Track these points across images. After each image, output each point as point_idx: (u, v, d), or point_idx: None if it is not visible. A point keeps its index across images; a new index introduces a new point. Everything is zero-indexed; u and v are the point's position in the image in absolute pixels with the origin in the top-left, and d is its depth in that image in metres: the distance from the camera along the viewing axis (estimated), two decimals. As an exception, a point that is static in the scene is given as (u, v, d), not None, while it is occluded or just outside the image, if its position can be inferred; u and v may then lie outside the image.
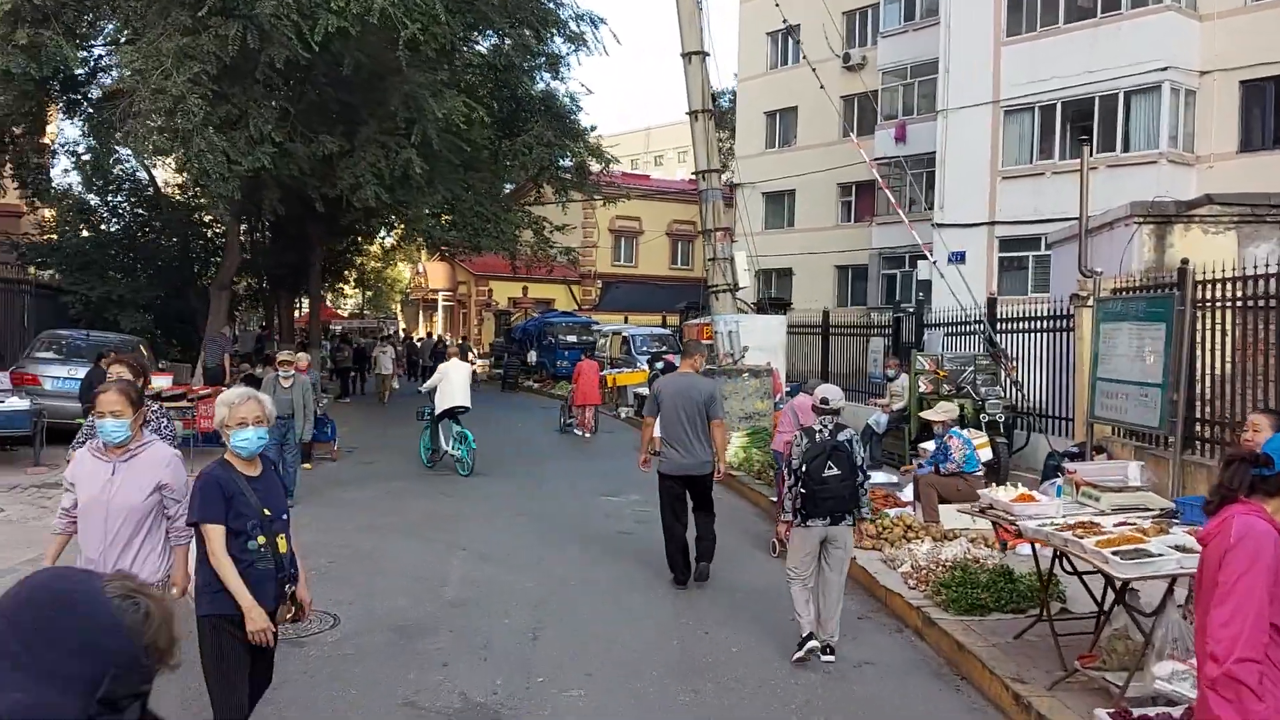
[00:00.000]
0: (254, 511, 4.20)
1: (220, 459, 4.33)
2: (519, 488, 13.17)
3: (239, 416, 4.28)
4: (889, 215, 34.02)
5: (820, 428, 6.55)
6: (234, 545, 4.15)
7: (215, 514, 4.16)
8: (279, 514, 4.35)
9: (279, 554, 4.26)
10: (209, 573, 4.15)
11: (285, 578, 4.31)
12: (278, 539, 4.27)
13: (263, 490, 4.32)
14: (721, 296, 15.86)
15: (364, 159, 17.24)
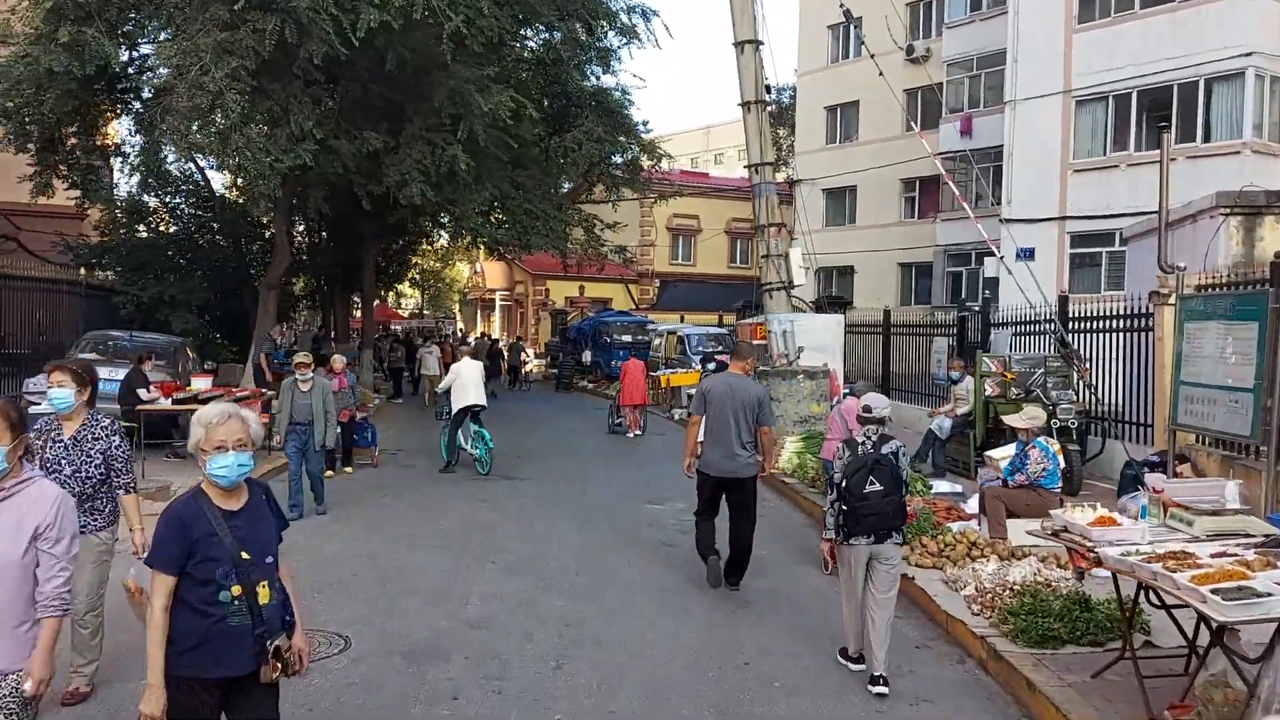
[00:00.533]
0: (228, 555, 3.54)
1: (194, 489, 3.67)
2: (561, 493, 12.67)
3: (217, 439, 3.59)
4: (954, 211, 33.00)
5: (863, 439, 6.14)
6: (198, 596, 3.52)
7: (166, 560, 3.51)
8: (262, 556, 3.66)
9: (257, 606, 3.58)
10: (179, 623, 3.53)
11: (265, 633, 3.59)
12: (258, 588, 3.59)
13: (244, 528, 3.64)
14: (775, 295, 15.20)
15: (410, 156, 16.88)
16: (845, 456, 6.09)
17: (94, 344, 14.91)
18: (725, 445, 7.82)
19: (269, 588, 3.65)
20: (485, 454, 13.99)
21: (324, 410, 10.91)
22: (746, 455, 7.90)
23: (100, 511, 5.45)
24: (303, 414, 10.72)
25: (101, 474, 5.36)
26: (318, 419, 10.81)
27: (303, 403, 10.76)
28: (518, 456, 16.06)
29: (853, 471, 5.94)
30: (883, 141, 35.58)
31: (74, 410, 5.29)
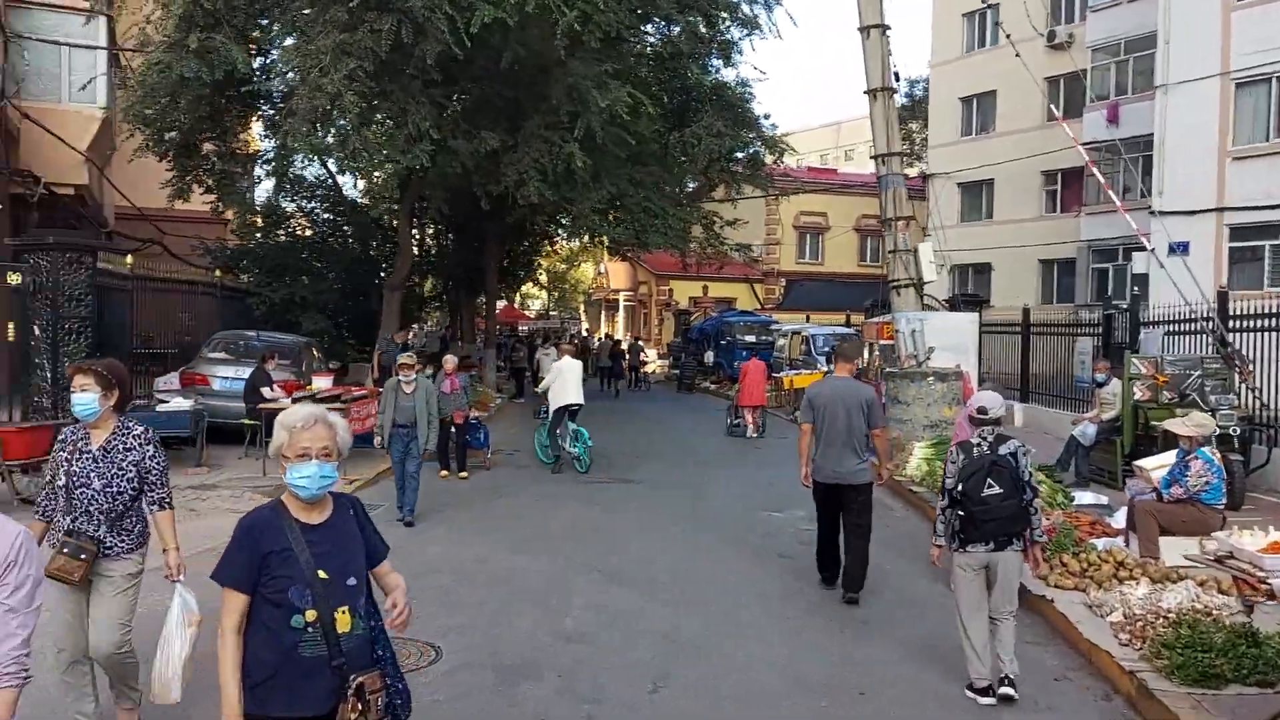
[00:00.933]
0: (304, 574, 3.13)
1: (275, 499, 3.32)
2: (675, 498, 12.26)
3: (300, 445, 3.20)
4: (1099, 204, 31.25)
5: (979, 440, 5.83)
6: (272, 619, 3.13)
7: (233, 575, 3.16)
8: (344, 578, 3.22)
9: (334, 634, 3.13)
10: (251, 651, 3.15)
11: (344, 666, 3.14)
12: (337, 613, 3.15)
13: (326, 545, 3.22)
14: (904, 292, 14.44)
15: (527, 154, 16.79)
16: (959, 459, 5.79)
17: (224, 343, 15.28)
18: (835, 451, 7.65)
19: (351, 614, 3.20)
20: (584, 452, 14.19)
21: (427, 412, 10.64)
22: (858, 461, 7.68)
23: (129, 531, 4.78)
24: (406, 416, 10.49)
25: (134, 489, 4.74)
26: (420, 421, 10.53)
27: (406, 404, 10.53)
28: (635, 457, 15.76)
29: (969, 474, 5.63)
30: (1021, 132, 33.99)
31: (101, 417, 4.70)
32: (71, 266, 11.92)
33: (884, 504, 12.03)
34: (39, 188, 17.52)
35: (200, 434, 12.43)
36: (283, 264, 22.31)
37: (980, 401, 6.02)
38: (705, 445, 17.91)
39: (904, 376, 14.10)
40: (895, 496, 12.64)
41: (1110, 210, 30.86)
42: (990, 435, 5.84)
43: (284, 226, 25.26)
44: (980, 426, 5.90)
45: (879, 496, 12.61)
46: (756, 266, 45.92)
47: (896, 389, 14.16)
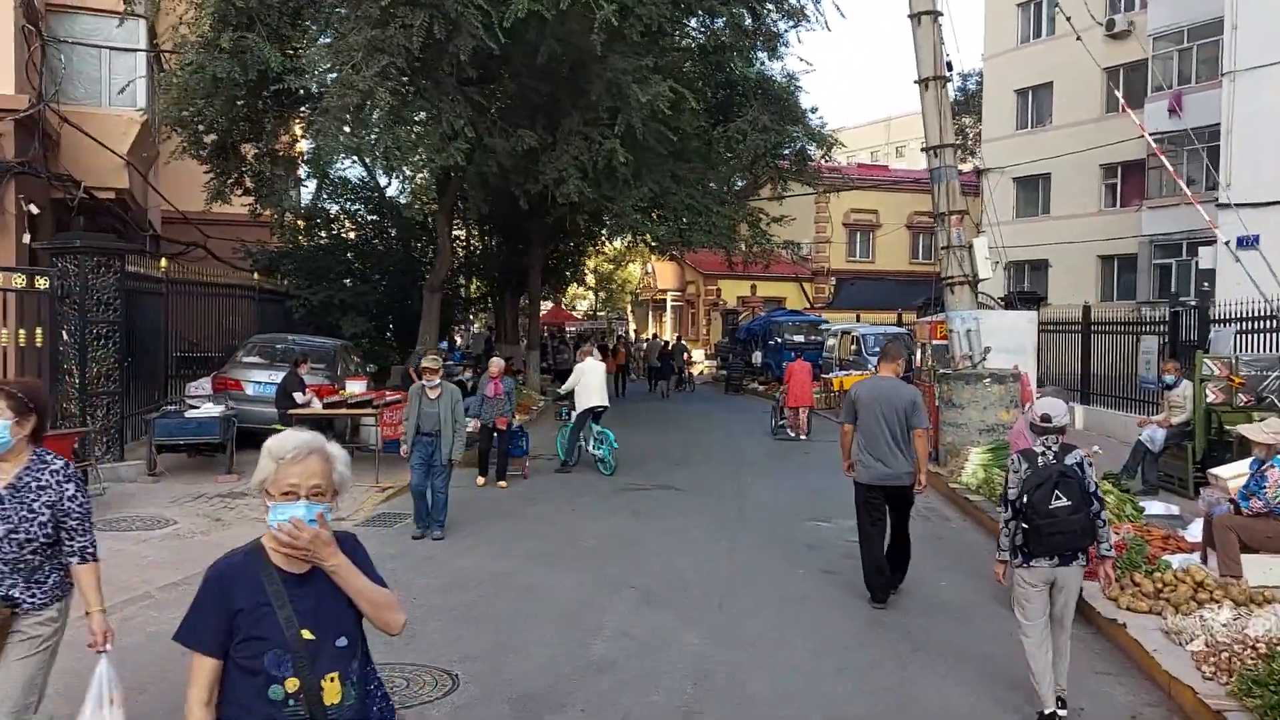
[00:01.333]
0: (283, 636, 2.61)
1: (253, 543, 2.78)
2: (716, 506, 11.75)
3: (287, 481, 2.67)
4: (1162, 198, 30.19)
5: (1043, 450, 5.52)
6: (244, 690, 2.62)
7: (197, 637, 2.65)
8: (334, 637, 2.69)
9: (321, 707, 2.61)
10: None
11: None
12: (324, 681, 2.63)
13: (312, 599, 2.69)
14: (958, 290, 13.77)
15: (566, 152, 16.34)
16: (1023, 469, 5.47)
17: (258, 347, 15.04)
18: (877, 451, 7.55)
19: (341, 682, 2.66)
20: (609, 454, 14.09)
21: (452, 420, 9.96)
22: (901, 461, 7.57)
23: (42, 584, 3.99)
24: (430, 423, 9.88)
25: (49, 535, 3.95)
26: (445, 429, 9.87)
27: (430, 411, 9.92)
28: (676, 462, 15.28)
29: (1034, 486, 5.33)
30: (1079, 125, 33.02)
31: (12, 449, 3.93)
32: (99, 270, 11.71)
33: (940, 513, 11.45)
34: (79, 192, 17.43)
35: (230, 440, 12.16)
36: (324, 266, 22.14)
37: (1043, 408, 5.66)
38: (750, 449, 17.37)
39: (958, 378, 13.45)
40: (950, 504, 12.03)
41: (1174, 204, 29.86)
42: (1054, 444, 5.52)
43: (327, 229, 25.16)
44: (1043, 435, 5.56)
45: (934, 504, 12.05)
46: (806, 265, 45.18)
47: (950, 391, 13.51)
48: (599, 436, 14.32)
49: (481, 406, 12.85)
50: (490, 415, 12.87)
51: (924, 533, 9.88)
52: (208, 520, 10.04)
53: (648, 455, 16.34)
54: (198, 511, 10.42)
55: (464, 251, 31.96)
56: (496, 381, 12.86)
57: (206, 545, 9.02)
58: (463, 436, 10.24)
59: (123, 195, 19.29)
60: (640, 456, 16.14)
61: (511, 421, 13.32)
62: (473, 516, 10.79)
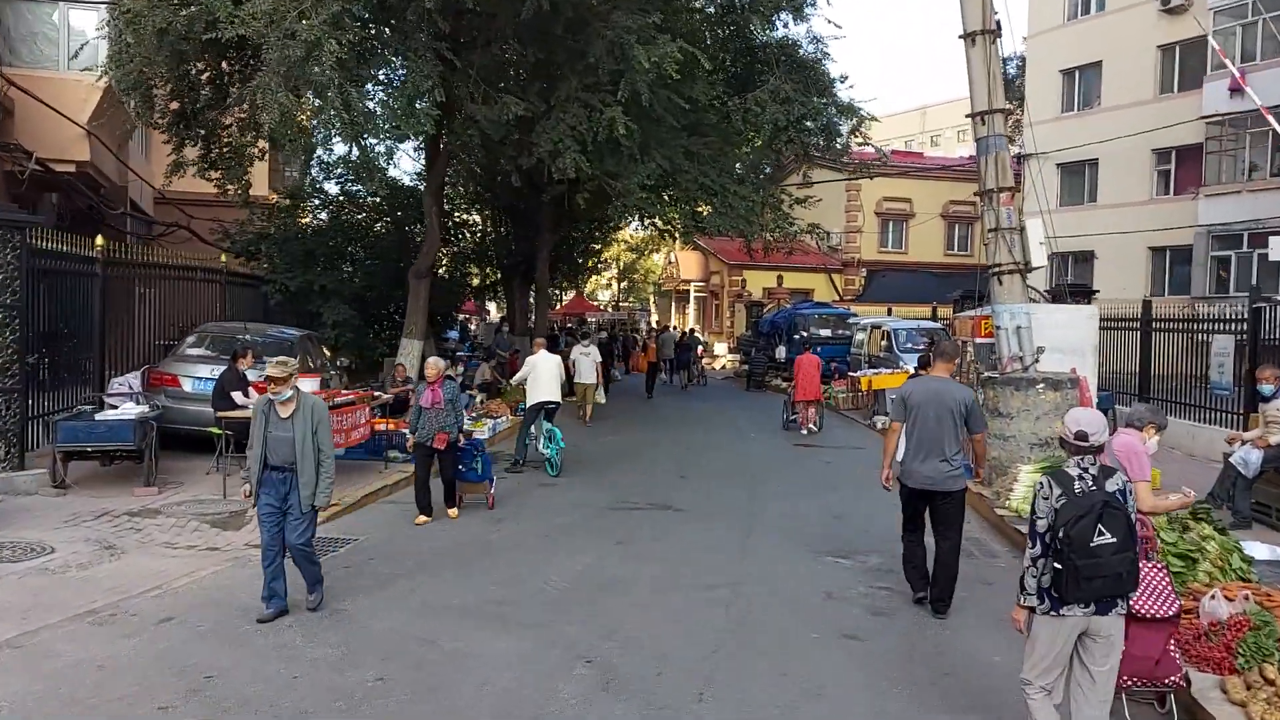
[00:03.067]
0: None
1: None
2: (719, 534, 9.86)
3: None
4: (1222, 184, 27.92)
5: (1079, 472, 4.65)
6: None
7: None
8: None
9: None
10: None
11: None
12: None
13: None
14: (1006, 280, 11.80)
15: (563, 121, 14.53)
16: (1055, 496, 4.60)
17: (208, 338, 13.31)
18: (928, 454, 7.19)
19: None
20: (555, 454, 13.08)
21: (314, 449, 6.78)
22: (949, 468, 7.19)
23: None
24: (281, 453, 6.73)
25: None
26: (303, 461, 6.73)
27: (280, 435, 6.72)
28: (679, 476, 13.43)
29: (1074, 517, 4.49)
30: (1130, 107, 30.80)
31: None
32: (-9, 244, 9.97)
33: (985, 546, 9.55)
34: (30, 163, 15.80)
35: (149, 447, 10.40)
36: (311, 250, 20.45)
37: (1078, 424, 4.70)
38: (765, 456, 15.47)
39: (1007, 383, 11.50)
40: (997, 535, 10.11)
41: (1234, 191, 27.62)
42: (1093, 465, 4.65)
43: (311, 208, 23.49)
44: (1079, 454, 4.66)
45: (976, 533, 10.15)
46: (835, 255, 43.13)
47: (997, 398, 11.57)
48: (547, 434, 13.28)
49: (417, 420, 10.13)
50: (427, 431, 10.02)
51: (968, 573, 8.02)
52: (95, 548, 8.29)
53: (649, 464, 14.53)
54: (90, 536, 8.67)
55: (473, 237, 30.28)
56: (434, 387, 10.04)
57: (79, 585, 7.30)
58: (329, 474, 6.92)
59: (85, 169, 17.67)
60: (641, 465, 14.35)
61: (458, 438, 10.39)
62: (412, 550, 8.98)
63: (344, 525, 9.79)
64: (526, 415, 13.79)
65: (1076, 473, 4.62)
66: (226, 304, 16.83)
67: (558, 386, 13.77)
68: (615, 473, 13.55)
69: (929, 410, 7.18)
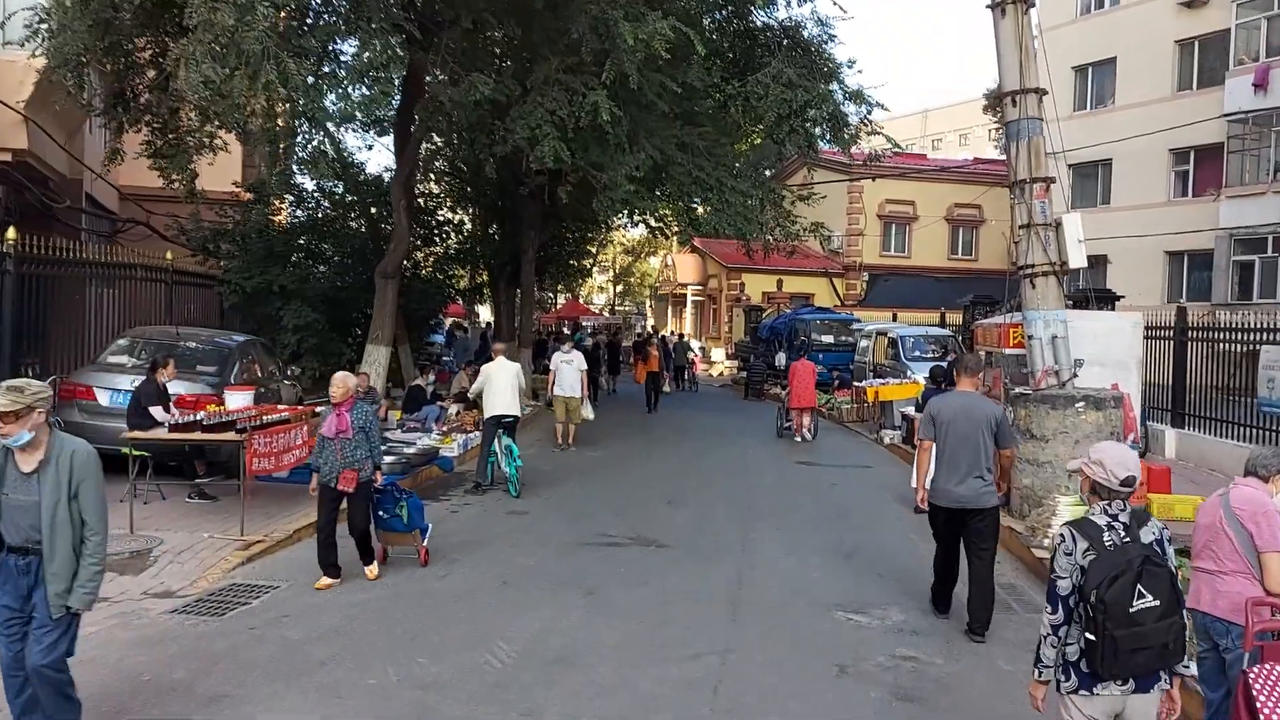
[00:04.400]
0: None
1: None
2: (709, 579, 8.36)
3: None
4: (1244, 185, 26.52)
5: (1108, 521, 3.78)
6: None
7: None
8: None
9: None
10: None
11: None
12: None
13: None
14: (1040, 282, 10.33)
15: (541, 105, 13.09)
16: (1080, 551, 3.78)
17: (138, 344, 11.81)
18: (959, 472, 7.01)
19: None
20: (515, 473, 11.93)
21: (72, 522, 4.44)
22: (982, 484, 7.03)
23: None
24: (21, 526, 4.45)
25: None
26: (53, 540, 4.40)
27: (19, 500, 4.43)
28: (667, 502, 11.94)
29: (1108, 577, 3.67)
30: (1146, 104, 29.46)
31: None
32: None
33: (1021, 594, 8.09)
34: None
35: None
36: (275, 248, 18.99)
37: (1126, 467, 3.89)
38: (764, 476, 13.97)
39: (1041, 401, 10.03)
40: (1034, 580, 8.62)
41: (1258, 192, 26.20)
42: (1123, 512, 3.87)
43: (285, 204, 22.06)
44: (1110, 499, 3.88)
45: (1009, 576, 8.72)
46: (836, 259, 41.69)
47: (1030, 417, 10.11)
48: (505, 450, 12.02)
49: (320, 454, 7.91)
50: (330, 469, 7.76)
51: (1008, 636, 6.61)
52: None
53: (634, 486, 13.05)
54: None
55: (458, 236, 28.84)
56: (340, 412, 7.78)
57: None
58: (97, 557, 4.51)
59: (24, 158, 16.17)
60: (625, 488, 12.88)
61: (372, 476, 7.98)
62: (341, 603, 7.48)
63: (265, 568, 8.31)
64: (484, 432, 12.40)
65: (1105, 521, 3.83)
66: (173, 306, 15.35)
67: (515, 398, 12.31)
68: (594, 497, 12.08)
69: (960, 426, 6.97)
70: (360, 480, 7.82)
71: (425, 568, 8.45)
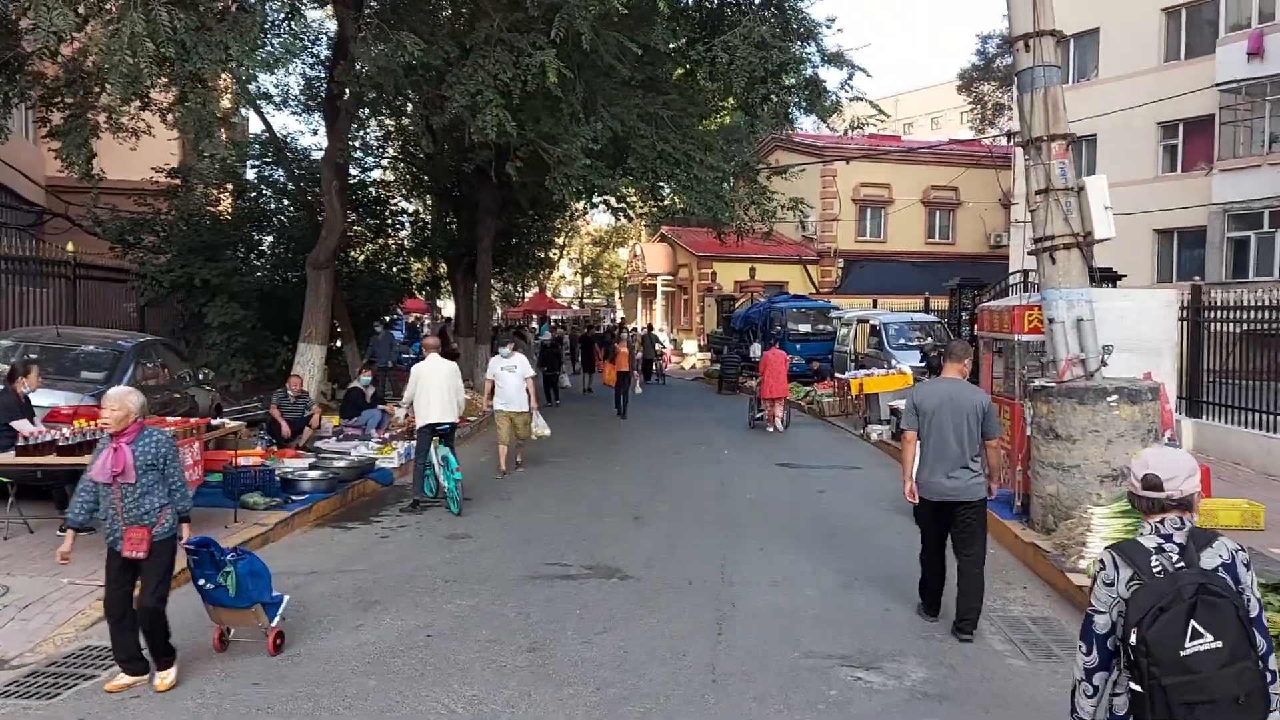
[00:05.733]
0: None
1: None
2: (676, 627, 6.80)
3: None
4: (1238, 158, 25.32)
5: (1159, 543, 3.06)
6: None
7: None
8: None
9: None
10: None
11: None
12: None
13: None
14: (1061, 257, 8.87)
15: (482, 68, 11.52)
16: (1124, 580, 3.03)
17: (16, 347, 10.11)
18: (943, 463, 6.59)
19: None
20: (454, 487, 10.36)
21: None
22: (970, 474, 6.59)
23: None
24: None
25: None
26: None
27: None
28: (634, 517, 10.41)
29: (1151, 611, 2.91)
30: (1131, 77, 28.24)
31: None
32: None
33: (1055, 628, 6.63)
34: None
35: None
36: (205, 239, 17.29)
37: (1146, 466, 3.15)
38: (739, 485, 12.45)
39: (1067, 395, 8.58)
40: (1068, 608, 7.16)
41: (1253, 165, 25.01)
42: (1179, 531, 3.03)
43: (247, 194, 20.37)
44: (1155, 513, 3.10)
45: (1040, 606, 7.28)
46: (811, 245, 40.29)
47: (1053, 414, 8.65)
48: (442, 461, 10.55)
49: (86, 503, 5.59)
50: (113, 527, 5.50)
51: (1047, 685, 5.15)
52: None
53: (596, 497, 11.53)
54: None
55: (414, 226, 27.21)
56: (118, 445, 5.44)
57: None
58: None
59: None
60: (586, 500, 11.35)
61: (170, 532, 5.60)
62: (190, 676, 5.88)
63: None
64: (418, 442, 10.83)
65: (1155, 543, 3.09)
66: (77, 304, 13.64)
67: (451, 402, 10.70)
68: (550, 513, 10.54)
69: (944, 416, 6.64)
70: (155, 540, 5.48)
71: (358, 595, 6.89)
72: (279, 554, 8.47)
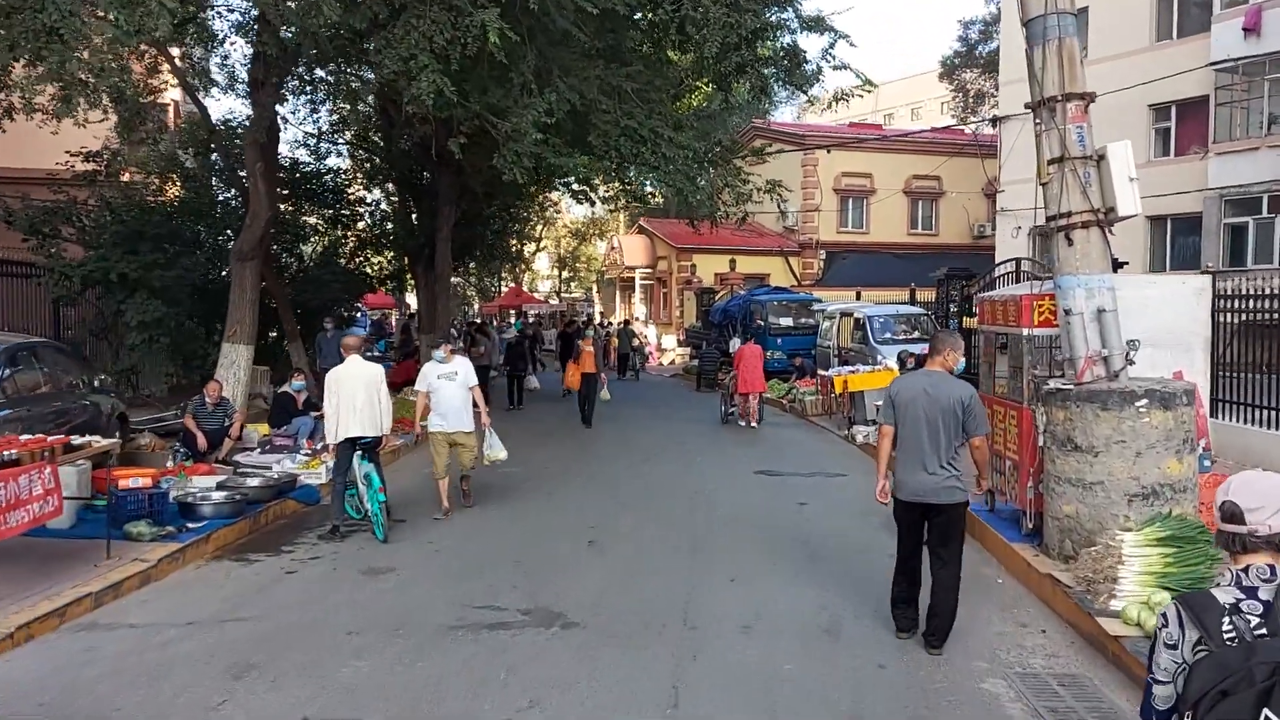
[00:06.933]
0: None
1: None
2: (630, 687, 5.51)
3: None
4: (1234, 141, 24.22)
5: (1236, 599, 2.34)
6: None
7: None
8: None
9: None
10: None
11: None
12: None
13: None
14: (1080, 236, 7.59)
15: (415, 29, 10.15)
16: (1186, 643, 2.35)
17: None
18: (917, 461, 6.18)
19: None
20: (379, 509, 8.97)
21: None
22: (945, 474, 6.14)
23: None
24: None
25: None
26: None
27: None
28: (588, 541, 9.07)
29: (1212, 690, 2.19)
30: (1121, 57, 27.06)
31: None
32: None
33: (1082, 684, 5.32)
34: None
35: None
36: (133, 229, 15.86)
37: (1227, 491, 2.46)
38: (710, 497, 11.14)
39: (1087, 399, 7.30)
40: (1099, 659, 5.87)
41: (1250, 148, 23.91)
42: (1266, 585, 2.33)
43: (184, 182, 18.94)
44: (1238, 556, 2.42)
45: (1062, 656, 6.01)
46: (792, 237, 39.05)
47: (1072, 421, 7.36)
48: (365, 479, 9.20)
49: None
50: None
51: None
52: None
53: (546, 515, 10.20)
54: None
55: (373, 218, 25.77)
56: None
57: None
58: None
59: None
60: (531, 519, 10.01)
61: None
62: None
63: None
64: (337, 459, 9.33)
65: (1231, 598, 2.33)
66: None
67: (374, 413, 9.14)
68: (491, 537, 9.21)
69: (919, 410, 6.22)
70: None
71: (228, 661, 5.51)
72: (158, 597, 7.12)
